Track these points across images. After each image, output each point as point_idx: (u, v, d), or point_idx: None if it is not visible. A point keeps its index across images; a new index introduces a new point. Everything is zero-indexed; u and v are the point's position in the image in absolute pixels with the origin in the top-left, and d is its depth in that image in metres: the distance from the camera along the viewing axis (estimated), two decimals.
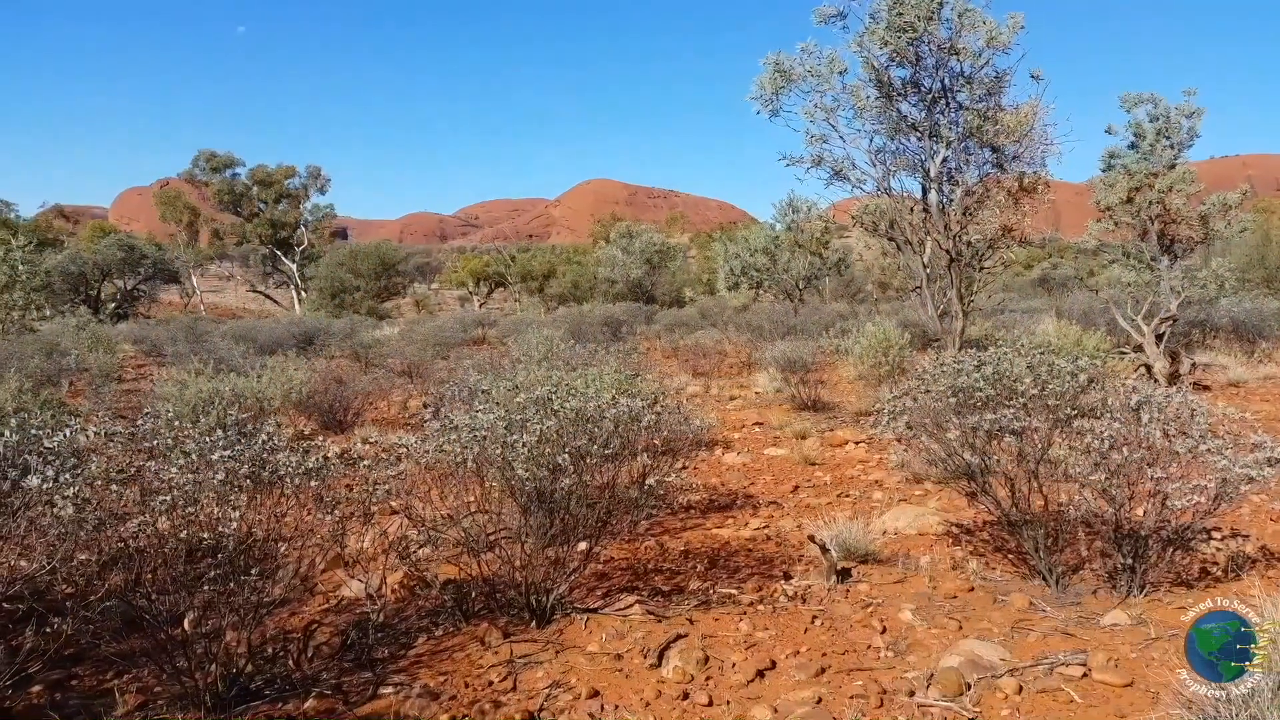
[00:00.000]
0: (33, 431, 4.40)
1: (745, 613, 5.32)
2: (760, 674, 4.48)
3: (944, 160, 12.09)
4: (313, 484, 4.54)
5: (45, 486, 3.88)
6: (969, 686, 4.24)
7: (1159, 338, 13.64)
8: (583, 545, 5.59)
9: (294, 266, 56.42)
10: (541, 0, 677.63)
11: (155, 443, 4.53)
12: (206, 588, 4.10)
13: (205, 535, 4.02)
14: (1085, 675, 4.28)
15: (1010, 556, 6.23)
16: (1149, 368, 13.20)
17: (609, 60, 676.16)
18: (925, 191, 12.43)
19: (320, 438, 10.72)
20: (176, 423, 4.86)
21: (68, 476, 3.96)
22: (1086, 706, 4.01)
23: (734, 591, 5.76)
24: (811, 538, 6.38)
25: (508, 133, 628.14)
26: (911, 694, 4.22)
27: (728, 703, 4.22)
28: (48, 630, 3.86)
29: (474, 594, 5.43)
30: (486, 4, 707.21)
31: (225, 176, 56.44)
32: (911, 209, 12.56)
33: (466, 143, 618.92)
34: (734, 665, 4.59)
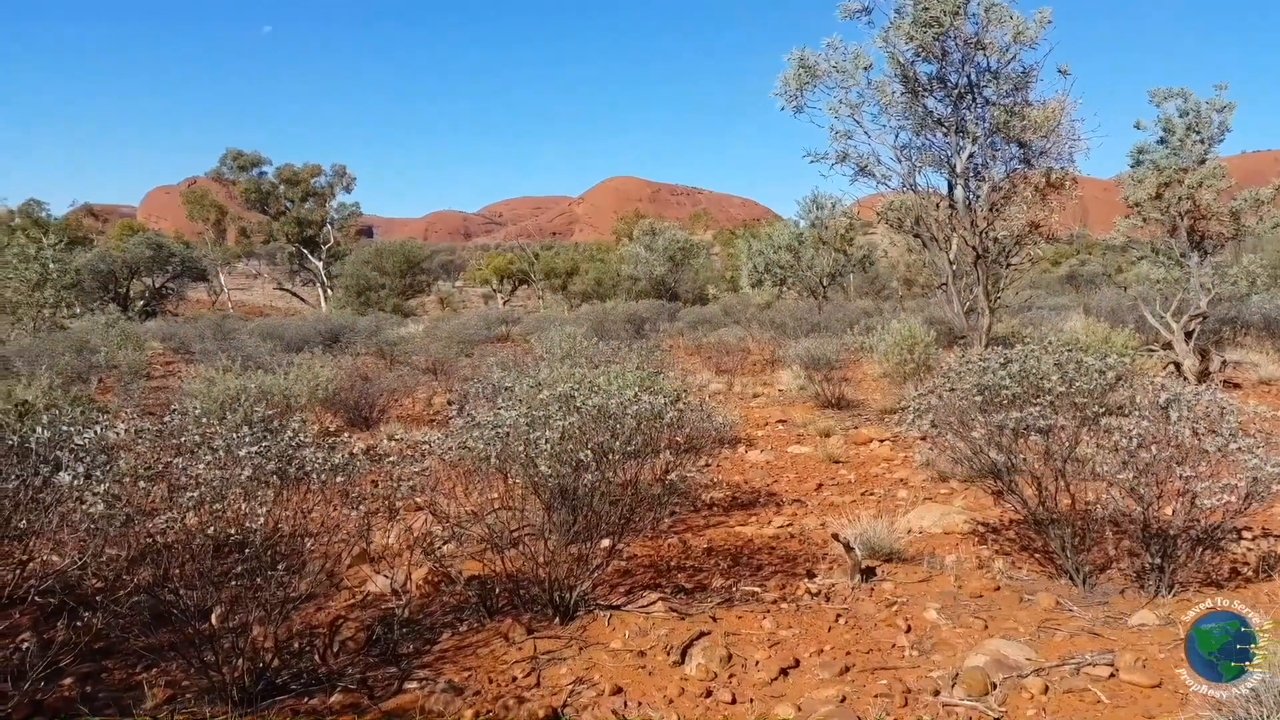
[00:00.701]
0: (63, 428, 4.46)
1: (769, 611, 5.31)
2: (784, 672, 4.47)
3: (970, 156, 12.01)
4: (339, 480, 4.57)
5: (76, 483, 3.94)
6: (994, 686, 4.21)
7: (1188, 335, 13.47)
8: (606, 542, 5.60)
9: (320, 264, 56.77)
10: None
11: (183, 439, 4.57)
12: (233, 583, 4.14)
13: (232, 531, 4.06)
14: (1112, 675, 4.24)
15: (1037, 556, 6.18)
16: (1178, 365, 13.05)
17: (631, 57, 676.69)
18: (951, 187, 12.35)
19: (346, 434, 10.80)
20: (204, 419, 4.91)
21: (98, 473, 4.01)
22: (1114, 707, 3.97)
23: (757, 589, 5.75)
24: (835, 536, 6.36)
25: (531, 131, 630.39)
26: (936, 693, 4.19)
27: (751, 701, 4.22)
28: (78, 624, 3.91)
29: (498, 590, 5.44)
30: (504, 3, 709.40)
31: (252, 175, 56.85)
32: (937, 205, 12.47)
33: (490, 141, 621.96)
34: (757, 663, 4.58)
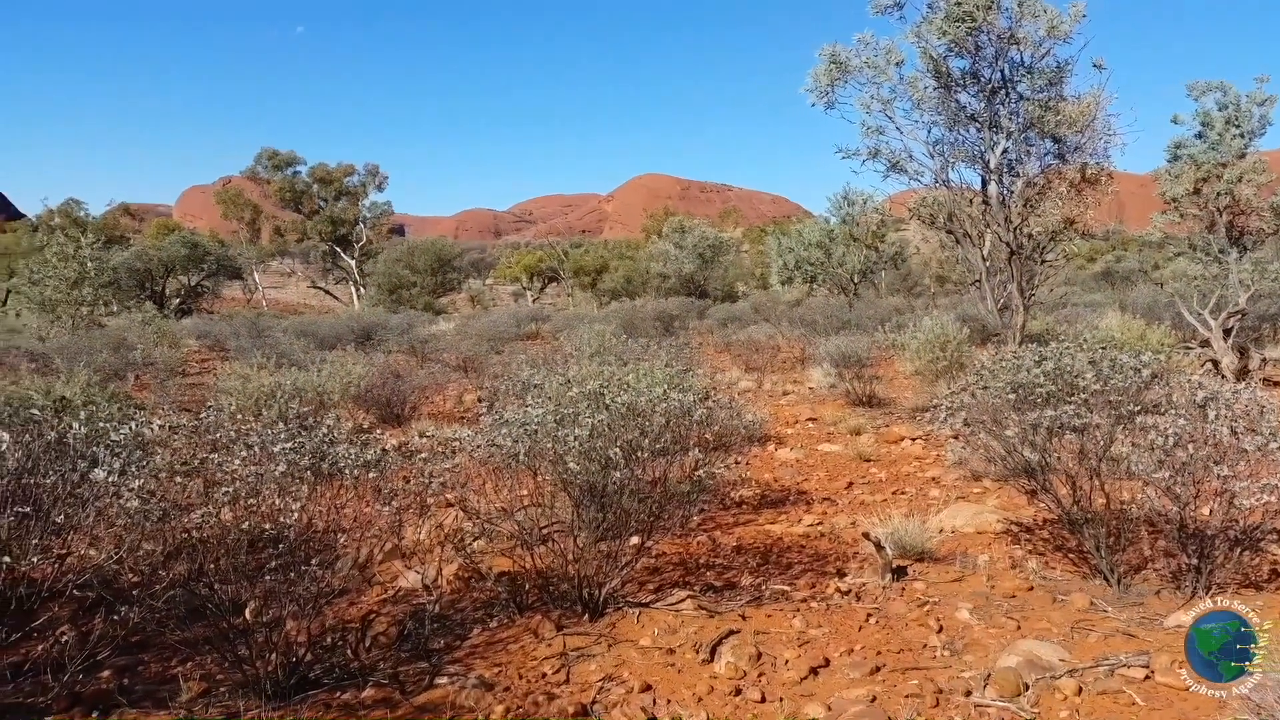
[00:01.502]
0: (100, 424, 4.53)
1: (798, 609, 5.29)
2: (814, 671, 4.45)
3: (1004, 151, 11.90)
4: (371, 476, 4.61)
5: (112, 479, 3.99)
6: (1027, 687, 4.17)
7: (1227, 332, 13.25)
8: (635, 539, 5.60)
9: (353, 263, 57.24)
10: None
11: (218, 435, 4.63)
12: (267, 578, 4.19)
13: (267, 526, 4.10)
14: (1148, 677, 4.18)
15: (1071, 556, 6.11)
16: (1216, 363, 12.83)
17: (661, 54, 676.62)
18: (985, 183, 12.25)
19: (378, 431, 10.87)
20: (239, 416, 4.97)
21: (134, 469, 4.07)
22: (1149, 709, 3.92)
23: (787, 588, 5.73)
24: (866, 535, 6.31)
25: (561, 129, 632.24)
26: (968, 694, 4.16)
27: (780, 700, 4.20)
28: (115, 618, 3.97)
29: (527, 586, 5.46)
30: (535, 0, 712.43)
31: (286, 174, 57.39)
32: (971, 201, 12.38)
33: (519, 139, 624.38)
34: (787, 662, 4.56)
